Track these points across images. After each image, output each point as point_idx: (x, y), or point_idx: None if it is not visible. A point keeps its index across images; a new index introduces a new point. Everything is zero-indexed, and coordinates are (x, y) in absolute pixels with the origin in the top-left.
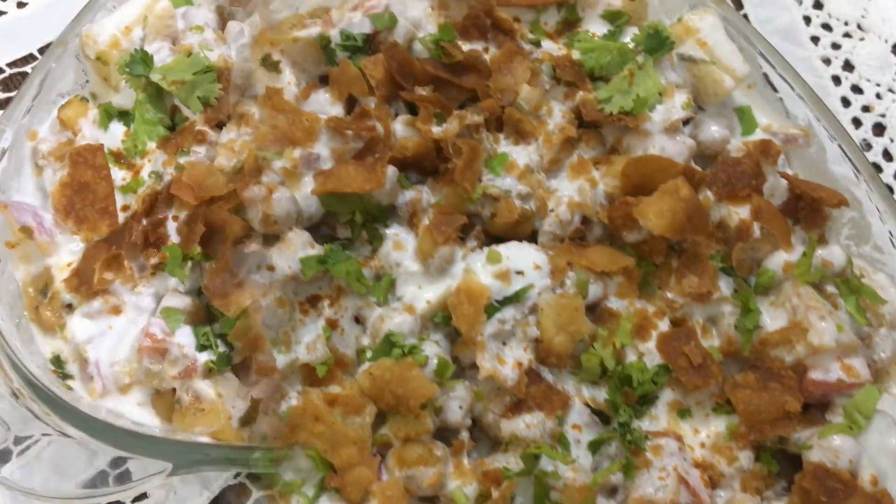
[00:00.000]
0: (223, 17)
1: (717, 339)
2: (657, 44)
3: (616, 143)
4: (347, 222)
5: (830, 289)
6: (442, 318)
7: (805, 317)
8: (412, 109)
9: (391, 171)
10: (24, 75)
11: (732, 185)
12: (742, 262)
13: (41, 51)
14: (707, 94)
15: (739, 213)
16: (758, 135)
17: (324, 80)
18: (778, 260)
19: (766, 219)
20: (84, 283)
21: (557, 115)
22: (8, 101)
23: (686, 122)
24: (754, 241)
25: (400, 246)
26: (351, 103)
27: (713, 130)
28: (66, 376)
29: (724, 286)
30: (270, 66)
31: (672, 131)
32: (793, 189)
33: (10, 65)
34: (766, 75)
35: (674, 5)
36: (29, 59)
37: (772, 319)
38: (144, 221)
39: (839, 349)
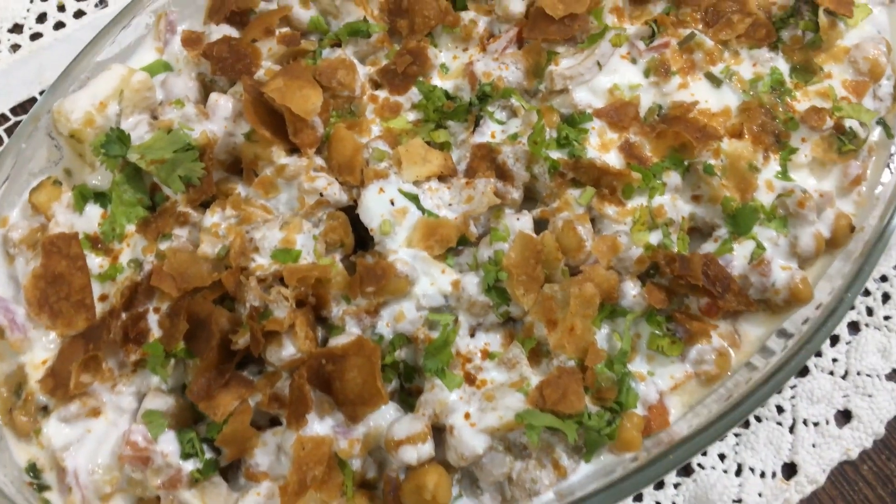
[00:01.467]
0: (205, 86)
1: None
2: None
3: None
4: None
5: None
6: None
7: None
8: None
9: None
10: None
11: None
12: None
13: (13, 110)
14: None
15: None
16: None
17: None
18: None
19: None
20: (60, 385)
21: None
22: None
23: None
24: None
25: None
26: None
27: None
28: (42, 487)
29: None
30: (257, 140)
31: None
32: None
33: None
34: None
35: None
36: (0, 119)
37: None
38: (124, 315)
39: None
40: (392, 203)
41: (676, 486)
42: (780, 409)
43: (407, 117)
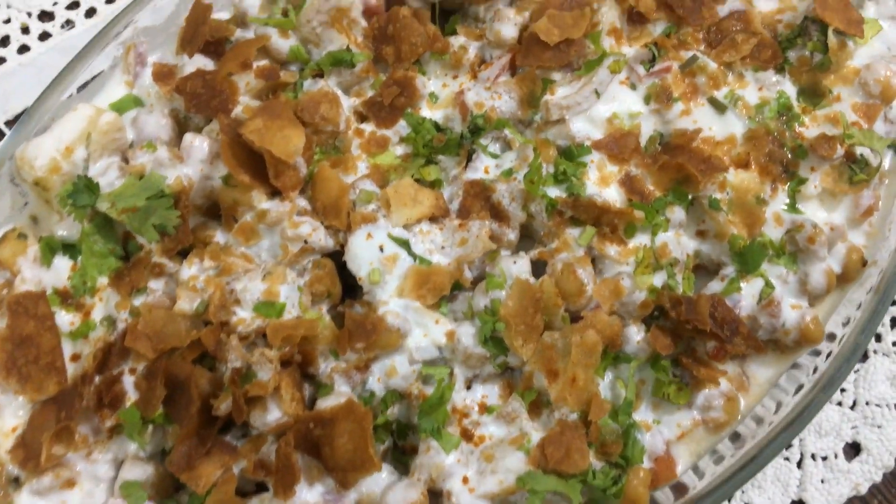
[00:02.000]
0: (179, 123)
1: None
2: None
3: None
4: None
5: None
6: None
7: None
8: None
9: None
10: None
11: None
12: None
13: None
14: None
15: None
16: None
17: None
18: None
19: None
20: (31, 456)
21: None
22: None
23: None
24: None
25: None
26: None
27: None
28: None
29: None
30: (236, 184)
31: None
32: None
33: None
34: None
35: None
36: None
37: None
38: (97, 379)
39: None
40: (381, 249)
41: None
42: (787, 445)
43: (395, 152)
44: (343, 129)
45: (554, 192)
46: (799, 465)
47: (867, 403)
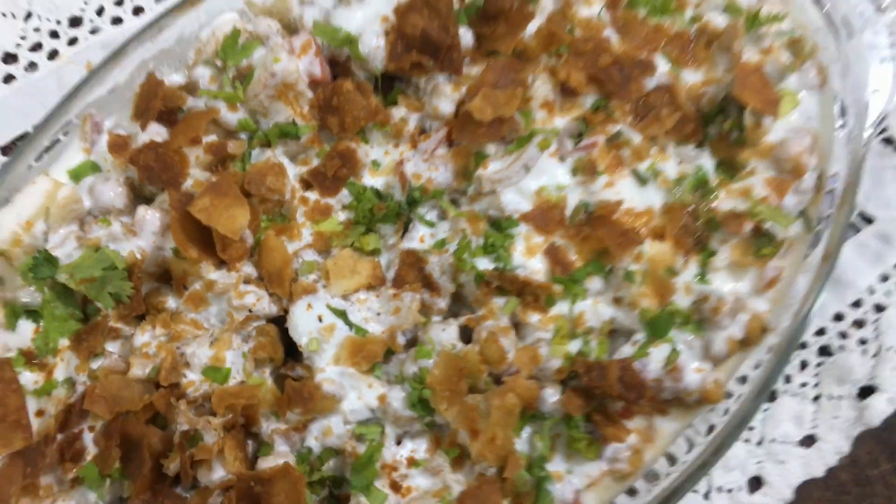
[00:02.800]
0: (134, 189)
1: None
2: None
3: None
4: None
5: None
6: None
7: None
8: None
9: None
10: None
11: None
12: None
13: None
14: None
15: None
16: None
17: None
18: None
19: None
20: None
21: None
22: None
23: None
24: None
25: None
26: None
27: None
28: None
29: None
30: (185, 257)
31: None
32: None
33: None
34: None
35: None
36: None
37: None
38: (59, 437)
39: None
40: (320, 320)
41: None
42: None
43: (338, 218)
44: (288, 198)
45: (483, 263)
46: (706, 496)
47: (772, 441)
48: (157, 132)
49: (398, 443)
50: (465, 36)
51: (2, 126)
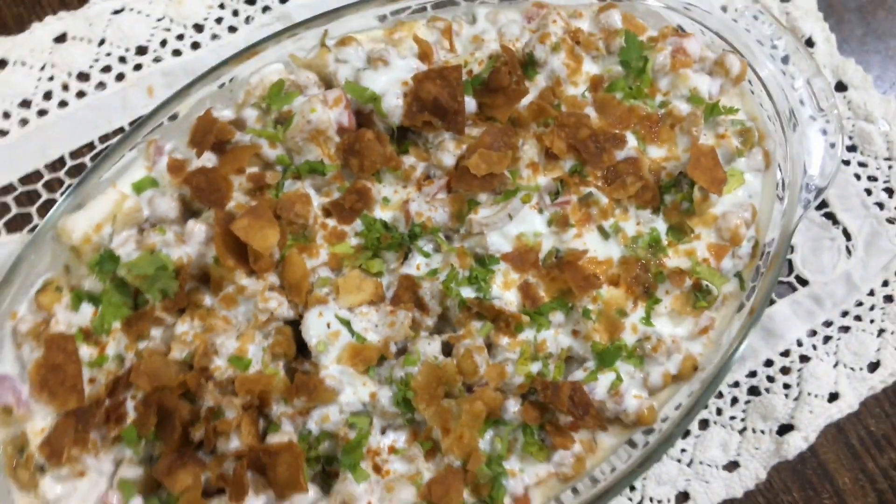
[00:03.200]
0: (185, 204)
1: None
2: None
3: None
4: None
5: None
6: None
7: None
8: None
9: None
10: (6, 205)
11: None
12: None
13: (21, 180)
14: None
15: None
16: None
17: None
18: None
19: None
20: (54, 454)
21: None
22: None
23: None
24: None
25: None
26: None
27: None
28: None
29: None
30: (223, 265)
31: None
32: None
33: None
34: None
35: None
36: (9, 188)
37: None
38: (107, 402)
39: None
40: (328, 326)
41: None
42: (632, 488)
43: (351, 243)
44: (311, 223)
45: (466, 291)
46: None
47: (701, 462)
48: (208, 159)
49: (382, 433)
50: (470, 103)
51: (72, 135)
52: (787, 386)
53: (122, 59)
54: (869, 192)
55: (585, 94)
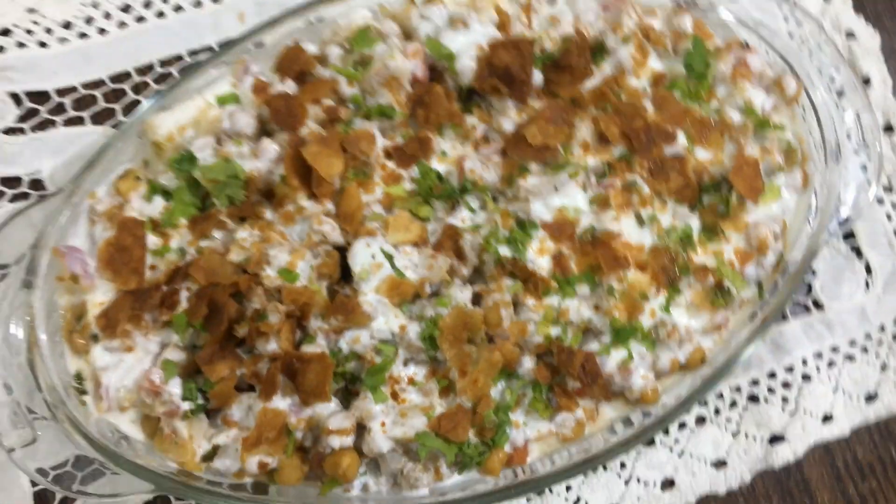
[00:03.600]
0: (261, 123)
1: None
2: None
3: None
4: None
5: None
6: None
7: None
8: None
9: None
10: (94, 98)
11: None
12: None
13: (112, 78)
14: None
15: None
16: None
17: None
18: None
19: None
20: (110, 326)
21: None
22: (79, 118)
23: None
24: None
25: None
26: None
27: None
28: (82, 392)
29: None
30: (288, 184)
31: None
32: None
33: (84, 85)
34: None
35: None
36: (100, 83)
37: None
38: (165, 288)
39: None
40: (373, 257)
41: None
42: (622, 465)
43: (405, 186)
44: (372, 162)
45: (503, 250)
46: (626, 483)
47: (691, 455)
48: (289, 86)
49: (405, 364)
50: (537, 77)
51: (165, 44)
52: (785, 399)
53: None
54: None
55: (646, 87)
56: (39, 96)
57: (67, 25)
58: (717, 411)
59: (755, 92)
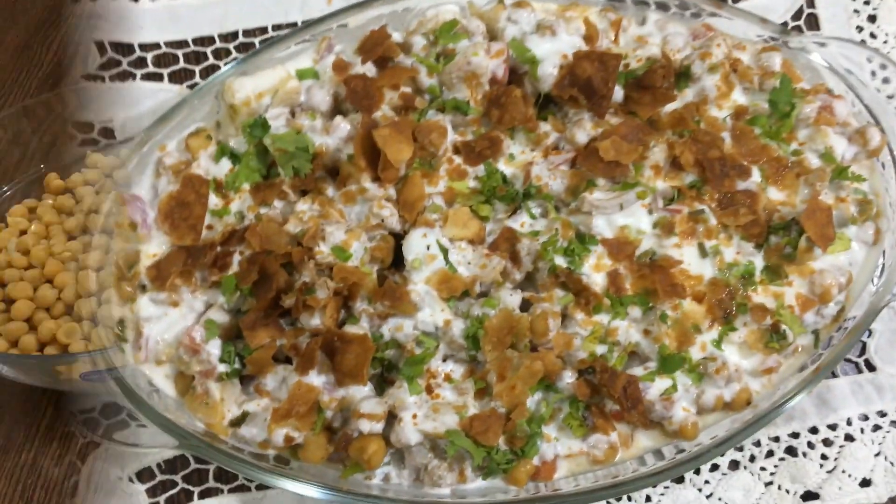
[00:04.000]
0: (336, 101)
1: None
2: None
3: None
4: None
5: None
6: None
7: None
8: None
9: None
10: (176, 57)
11: None
12: None
13: (195, 41)
14: None
15: None
16: None
17: None
18: None
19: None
20: (160, 278)
21: None
22: (158, 75)
23: None
24: None
25: None
26: None
27: None
28: (122, 339)
29: None
30: (354, 164)
31: None
32: None
33: (167, 44)
34: None
35: None
36: (183, 44)
37: None
38: (219, 249)
39: None
40: (428, 248)
41: None
42: (648, 499)
43: (468, 183)
44: (440, 154)
45: (560, 260)
46: None
47: (719, 499)
48: (369, 69)
49: (444, 360)
50: (617, 93)
51: (251, 15)
52: (824, 457)
53: None
54: None
55: (727, 119)
56: (123, 48)
57: None
58: (752, 458)
59: (837, 139)
